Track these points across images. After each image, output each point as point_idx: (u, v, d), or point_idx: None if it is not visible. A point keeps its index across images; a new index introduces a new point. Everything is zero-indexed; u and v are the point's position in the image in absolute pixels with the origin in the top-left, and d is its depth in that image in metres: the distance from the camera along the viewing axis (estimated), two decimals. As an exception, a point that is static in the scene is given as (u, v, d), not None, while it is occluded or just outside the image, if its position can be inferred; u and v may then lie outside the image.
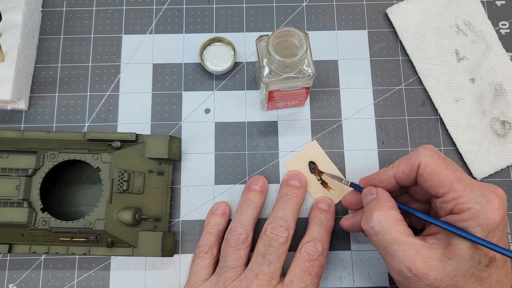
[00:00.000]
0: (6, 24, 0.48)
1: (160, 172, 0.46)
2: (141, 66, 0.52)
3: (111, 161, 0.44)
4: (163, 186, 0.46)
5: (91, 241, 0.43)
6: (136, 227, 0.44)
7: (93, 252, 0.43)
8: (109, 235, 0.43)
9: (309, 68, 0.42)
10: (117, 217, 0.43)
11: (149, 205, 0.45)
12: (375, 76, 0.52)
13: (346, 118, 0.51)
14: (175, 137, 0.48)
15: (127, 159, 0.45)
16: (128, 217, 0.43)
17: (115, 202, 0.43)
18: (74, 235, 0.43)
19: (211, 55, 0.52)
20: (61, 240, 0.43)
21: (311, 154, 0.50)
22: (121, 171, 0.44)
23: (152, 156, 0.46)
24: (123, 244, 0.44)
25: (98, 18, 0.54)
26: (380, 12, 0.54)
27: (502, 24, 0.54)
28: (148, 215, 0.45)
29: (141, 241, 0.43)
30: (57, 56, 0.52)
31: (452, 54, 0.52)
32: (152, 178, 0.46)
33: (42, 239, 0.43)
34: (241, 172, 0.49)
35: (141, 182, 0.45)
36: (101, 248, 0.44)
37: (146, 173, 0.45)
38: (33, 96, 0.51)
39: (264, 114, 0.51)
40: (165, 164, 0.47)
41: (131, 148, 0.46)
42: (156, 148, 0.46)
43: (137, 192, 0.45)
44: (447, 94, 0.51)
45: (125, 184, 0.44)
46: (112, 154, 0.44)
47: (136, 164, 0.45)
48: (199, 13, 0.54)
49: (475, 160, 0.49)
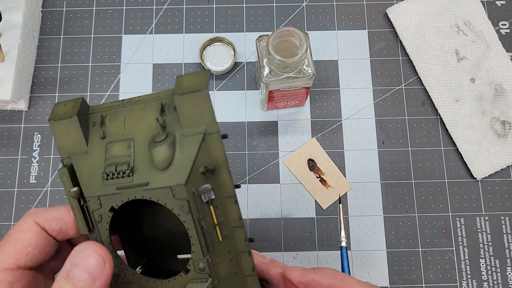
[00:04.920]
0: (6, 24, 0.48)
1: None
2: (141, 66, 0.52)
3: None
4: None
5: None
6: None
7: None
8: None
9: (309, 68, 0.42)
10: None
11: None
12: (375, 76, 0.52)
13: (346, 118, 0.51)
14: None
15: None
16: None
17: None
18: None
19: (211, 55, 0.52)
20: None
21: (310, 152, 0.50)
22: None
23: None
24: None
25: (98, 18, 0.54)
26: (380, 12, 0.54)
27: (502, 24, 0.54)
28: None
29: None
30: (57, 56, 0.52)
31: (452, 54, 0.52)
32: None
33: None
34: (241, 172, 0.49)
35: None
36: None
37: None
38: (33, 96, 0.51)
39: (264, 114, 0.51)
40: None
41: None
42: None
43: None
44: (447, 94, 0.51)
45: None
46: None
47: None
48: (199, 13, 0.54)
49: (475, 160, 0.49)
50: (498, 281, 0.47)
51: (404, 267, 0.47)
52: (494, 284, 0.47)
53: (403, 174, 0.49)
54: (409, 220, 0.48)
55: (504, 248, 0.48)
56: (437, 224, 0.48)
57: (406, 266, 0.47)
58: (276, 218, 0.48)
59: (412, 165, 0.50)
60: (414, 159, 0.50)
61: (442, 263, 0.47)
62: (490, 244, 0.48)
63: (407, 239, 0.48)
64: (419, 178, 0.49)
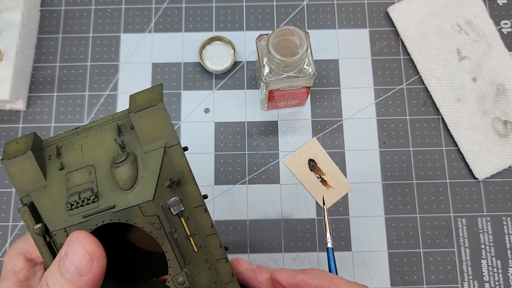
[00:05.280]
0: (5, 23, 0.48)
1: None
2: (140, 65, 0.52)
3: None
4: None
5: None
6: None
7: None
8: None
9: (310, 67, 0.41)
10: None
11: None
12: (376, 76, 0.52)
13: (347, 118, 0.51)
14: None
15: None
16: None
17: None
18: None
19: (211, 54, 0.51)
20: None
21: (311, 152, 0.49)
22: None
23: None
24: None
25: (97, 17, 0.53)
26: (381, 11, 0.54)
27: (504, 23, 0.53)
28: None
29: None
30: (56, 55, 0.52)
31: (453, 53, 0.51)
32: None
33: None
34: (241, 172, 0.49)
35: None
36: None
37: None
38: (32, 96, 0.51)
39: (264, 114, 0.51)
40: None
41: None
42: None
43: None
44: (448, 93, 0.50)
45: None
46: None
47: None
48: (198, 11, 0.54)
49: (476, 160, 0.49)
50: (499, 282, 0.47)
51: (405, 268, 0.47)
52: (495, 285, 0.47)
53: (404, 174, 0.49)
54: (410, 221, 0.48)
55: (505, 249, 0.47)
56: (438, 224, 0.48)
57: (407, 267, 0.47)
58: (276, 219, 0.48)
59: (413, 165, 0.49)
60: (415, 159, 0.50)
61: (444, 264, 0.47)
62: (492, 245, 0.48)
63: (408, 240, 0.48)
64: (420, 178, 0.49)
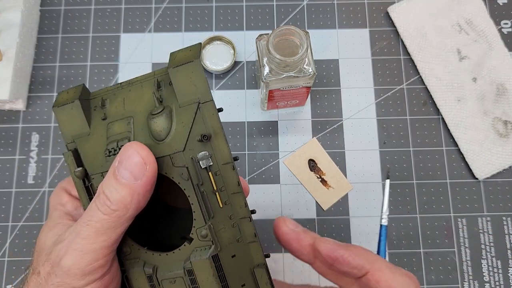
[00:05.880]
0: (5, 23, 0.48)
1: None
2: (140, 65, 0.52)
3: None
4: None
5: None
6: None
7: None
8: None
9: (310, 67, 0.41)
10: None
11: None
12: (376, 76, 0.52)
13: (347, 118, 0.50)
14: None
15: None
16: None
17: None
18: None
19: (211, 54, 0.51)
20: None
21: (311, 152, 0.49)
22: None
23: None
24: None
25: (96, 17, 0.53)
26: (382, 11, 0.54)
27: (504, 23, 0.53)
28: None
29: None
30: (56, 55, 0.52)
31: (453, 53, 0.51)
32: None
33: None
34: (241, 172, 0.49)
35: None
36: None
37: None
38: (31, 95, 0.51)
39: (264, 114, 0.51)
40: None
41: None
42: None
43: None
44: (448, 93, 0.50)
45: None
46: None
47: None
48: (198, 11, 0.53)
49: (477, 160, 0.48)
50: (500, 282, 0.47)
51: (406, 268, 0.46)
52: (496, 285, 0.47)
53: (405, 174, 0.49)
54: (410, 221, 0.48)
55: (506, 249, 0.47)
56: (438, 224, 0.48)
57: (408, 267, 0.47)
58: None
59: (413, 165, 0.49)
60: (415, 159, 0.49)
61: (444, 264, 0.47)
62: (492, 245, 0.47)
63: (409, 240, 0.47)
64: (420, 178, 0.49)
